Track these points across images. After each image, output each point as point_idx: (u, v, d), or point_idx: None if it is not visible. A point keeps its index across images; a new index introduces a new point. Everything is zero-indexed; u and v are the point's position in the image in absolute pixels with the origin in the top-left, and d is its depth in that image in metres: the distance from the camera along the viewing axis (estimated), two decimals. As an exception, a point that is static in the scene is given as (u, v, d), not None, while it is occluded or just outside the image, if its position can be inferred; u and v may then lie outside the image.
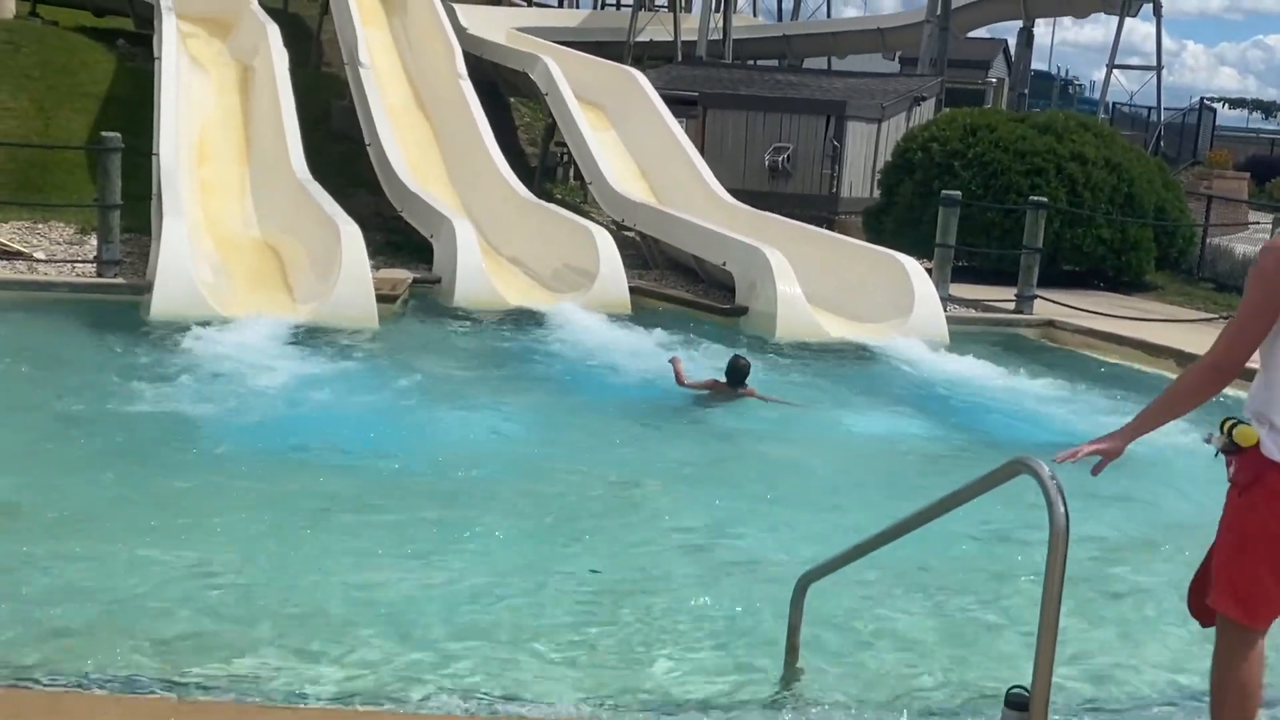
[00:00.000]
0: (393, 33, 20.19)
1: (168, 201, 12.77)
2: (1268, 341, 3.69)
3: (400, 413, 9.11)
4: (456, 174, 17.05)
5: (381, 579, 5.90)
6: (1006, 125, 18.27)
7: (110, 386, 9.26)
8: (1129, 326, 13.83)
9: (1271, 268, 3.61)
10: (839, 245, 15.44)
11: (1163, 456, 8.83)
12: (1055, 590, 3.56)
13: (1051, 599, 3.57)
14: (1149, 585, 6.38)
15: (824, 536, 6.71)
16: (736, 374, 9.89)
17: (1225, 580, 3.72)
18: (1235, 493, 3.72)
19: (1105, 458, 3.82)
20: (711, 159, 18.82)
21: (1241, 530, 3.69)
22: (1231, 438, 3.69)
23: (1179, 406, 3.81)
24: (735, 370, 9.90)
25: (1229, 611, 3.73)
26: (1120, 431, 3.82)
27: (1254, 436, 3.65)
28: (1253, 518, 3.65)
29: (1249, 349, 3.69)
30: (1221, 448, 3.74)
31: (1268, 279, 3.61)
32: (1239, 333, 3.69)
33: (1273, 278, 3.60)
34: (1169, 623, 5.77)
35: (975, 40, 40.90)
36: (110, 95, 19.12)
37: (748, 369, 9.96)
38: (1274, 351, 3.68)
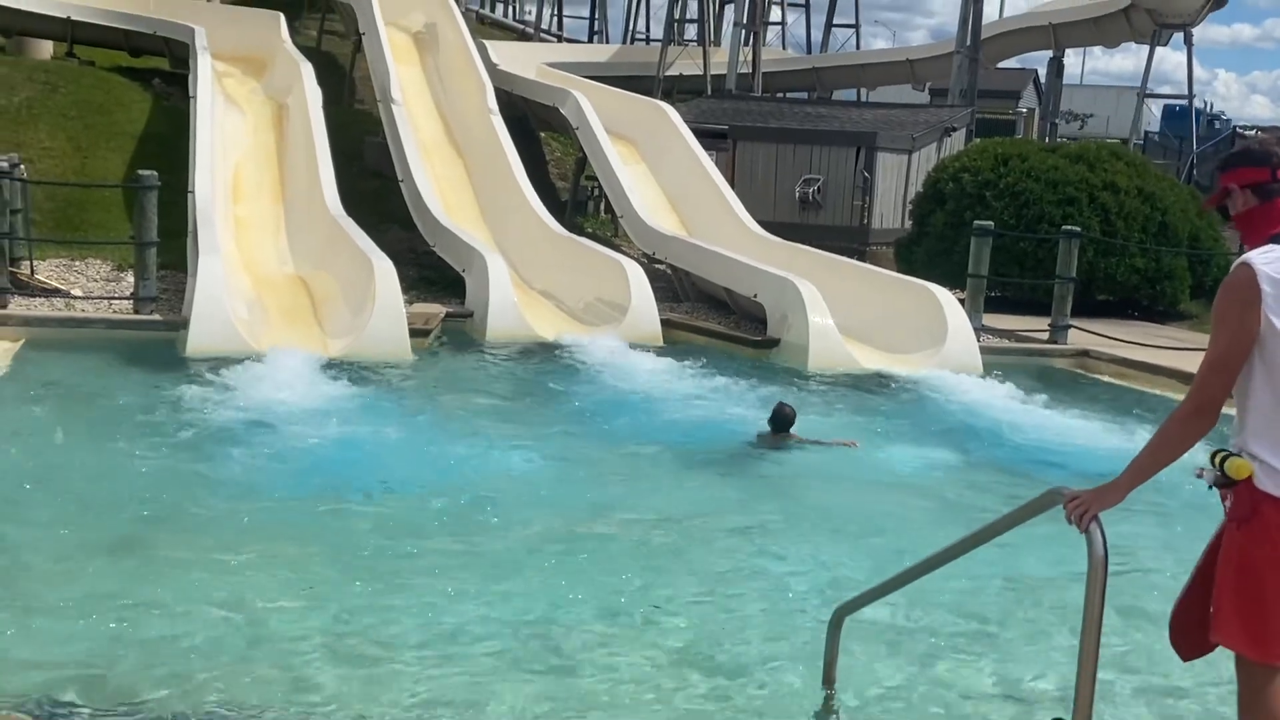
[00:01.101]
0: (425, 70, 20.37)
1: (203, 238, 12.90)
2: (1242, 375, 3.59)
3: (434, 447, 9.13)
4: (488, 208, 17.16)
5: (416, 613, 5.90)
6: (1038, 155, 18.25)
7: (145, 422, 9.33)
8: (1165, 356, 13.72)
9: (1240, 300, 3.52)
10: (871, 276, 15.42)
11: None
12: (1095, 620, 3.52)
13: (1091, 629, 3.53)
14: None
15: (859, 569, 6.68)
16: (781, 422, 9.70)
17: (1231, 617, 3.59)
18: (1234, 526, 3.62)
19: None
20: (742, 191, 18.87)
21: (1244, 565, 3.58)
22: (1224, 471, 3.59)
23: (1166, 456, 3.68)
24: (780, 419, 9.71)
25: (1241, 649, 3.61)
26: (1116, 484, 3.69)
27: (1247, 469, 3.54)
28: (1254, 552, 3.55)
29: (1228, 387, 3.59)
30: (1214, 482, 3.64)
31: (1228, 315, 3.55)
32: (1215, 372, 3.58)
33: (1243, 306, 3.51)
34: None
35: (1005, 70, 40.87)
36: (146, 134, 19.37)
37: (793, 417, 9.75)
38: (1249, 384, 3.59)
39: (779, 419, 9.71)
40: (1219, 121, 44.61)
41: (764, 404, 11.06)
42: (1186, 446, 3.66)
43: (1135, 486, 3.70)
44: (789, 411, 9.75)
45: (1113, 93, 51.55)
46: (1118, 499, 3.66)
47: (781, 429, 9.69)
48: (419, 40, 21.22)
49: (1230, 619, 3.59)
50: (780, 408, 9.79)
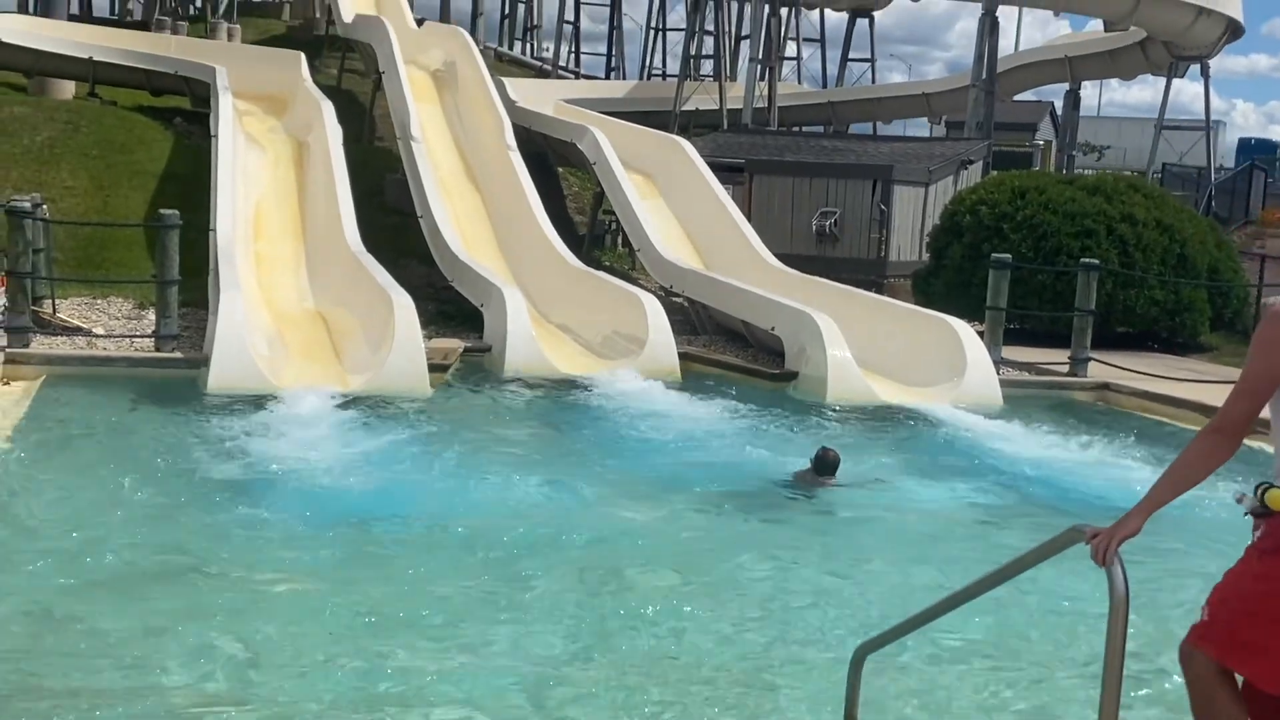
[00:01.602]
0: (444, 107, 20.52)
1: (224, 275, 12.99)
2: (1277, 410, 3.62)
3: (453, 483, 9.13)
4: (506, 243, 17.24)
5: (437, 651, 5.89)
6: (1055, 187, 18.25)
7: (165, 459, 9.36)
8: (1185, 388, 13.66)
9: (1274, 335, 3.57)
10: (888, 309, 15.42)
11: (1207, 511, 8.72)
12: (1117, 659, 3.49)
13: (1114, 668, 3.50)
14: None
15: (881, 606, 6.65)
16: (824, 466, 9.43)
17: (1227, 635, 3.60)
18: (1254, 555, 3.63)
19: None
20: (759, 224, 18.91)
21: (1255, 594, 3.59)
22: (1263, 501, 3.60)
23: (1189, 477, 3.71)
24: (824, 463, 9.44)
25: (1231, 664, 3.60)
26: (1135, 511, 3.70)
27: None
28: (1268, 585, 3.56)
29: (1252, 413, 3.62)
30: (1251, 510, 3.66)
31: (1271, 346, 3.58)
32: (1242, 397, 3.62)
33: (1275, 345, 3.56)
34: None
35: (1021, 103, 40.95)
36: (168, 172, 19.53)
37: (837, 462, 9.44)
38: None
39: (823, 463, 9.43)
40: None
41: (783, 439, 11.08)
42: (1205, 470, 3.68)
43: (1153, 513, 3.70)
44: (833, 456, 9.45)
45: (1135, 125, 51.42)
46: (1137, 527, 3.66)
47: (825, 472, 9.42)
48: (438, 78, 21.39)
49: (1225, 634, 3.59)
50: (824, 452, 9.51)
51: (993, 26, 28.33)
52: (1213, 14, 28.49)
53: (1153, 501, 3.72)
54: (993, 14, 28.20)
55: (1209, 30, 29.22)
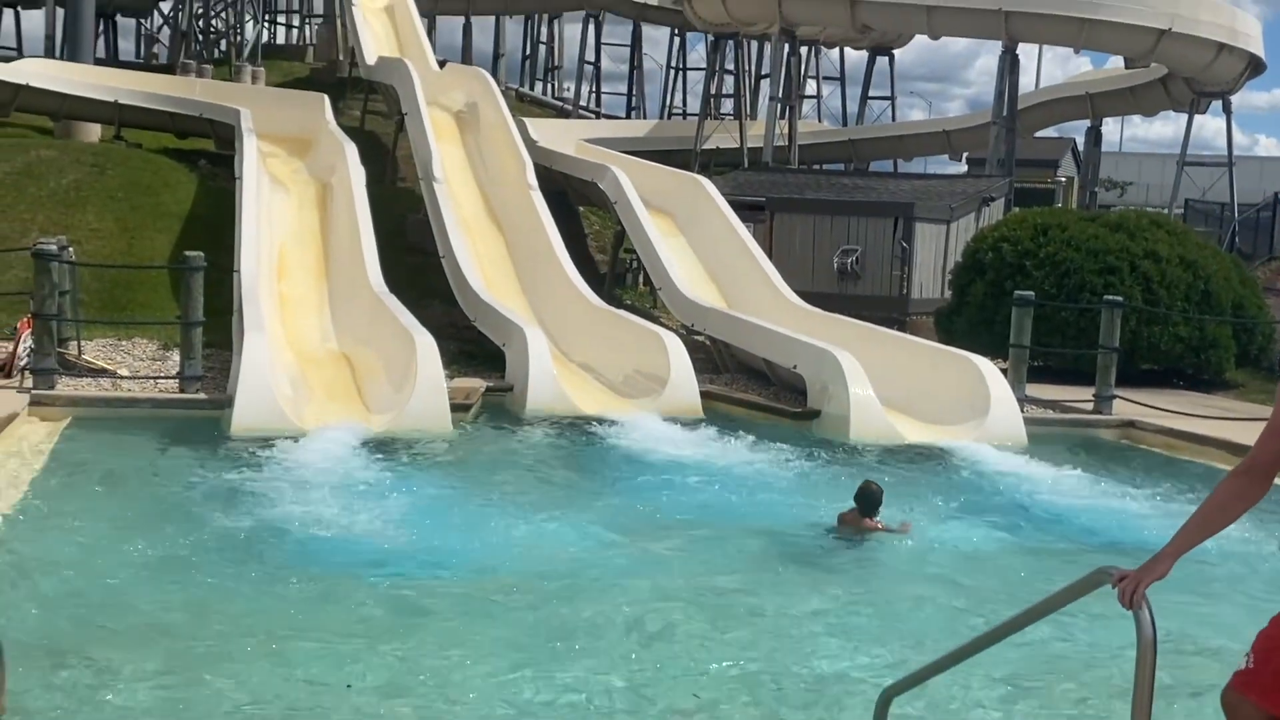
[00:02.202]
0: (466, 148, 20.65)
1: (248, 317, 13.05)
2: None
3: (475, 524, 9.11)
4: (528, 283, 17.29)
5: (460, 696, 5.86)
6: (1078, 224, 18.20)
7: (189, 501, 9.38)
8: (1211, 426, 13.54)
9: None
10: (911, 347, 15.37)
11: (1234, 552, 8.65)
12: (1145, 703, 3.45)
13: (1142, 711, 3.45)
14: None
15: (908, 648, 6.59)
16: (869, 500, 9.02)
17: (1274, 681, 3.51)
18: None
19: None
20: (780, 262, 18.92)
21: None
22: None
23: (1219, 519, 3.67)
24: (867, 496, 9.02)
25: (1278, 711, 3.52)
26: (1164, 553, 3.64)
27: None
28: None
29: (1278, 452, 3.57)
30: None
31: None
32: (1274, 437, 3.61)
33: None
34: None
35: (1043, 139, 40.92)
36: (192, 214, 19.69)
37: (880, 496, 9.05)
38: None
39: (866, 497, 9.04)
40: None
41: (806, 478, 11.02)
42: (1236, 512, 3.65)
43: (1182, 554, 3.65)
44: (876, 489, 9.08)
45: (1157, 160, 51.35)
46: (1166, 569, 3.61)
47: (869, 508, 9.01)
48: (460, 119, 21.53)
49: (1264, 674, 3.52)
50: (867, 486, 9.13)
51: (1013, 64, 28.36)
52: (1234, 50, 28.45)
53: (1181, 544, 3.66)
54: (1013, 51, 28.23)
55: (1230, 66, 29.17)
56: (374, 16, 28.56)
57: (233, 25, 40.36)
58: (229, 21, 40.99)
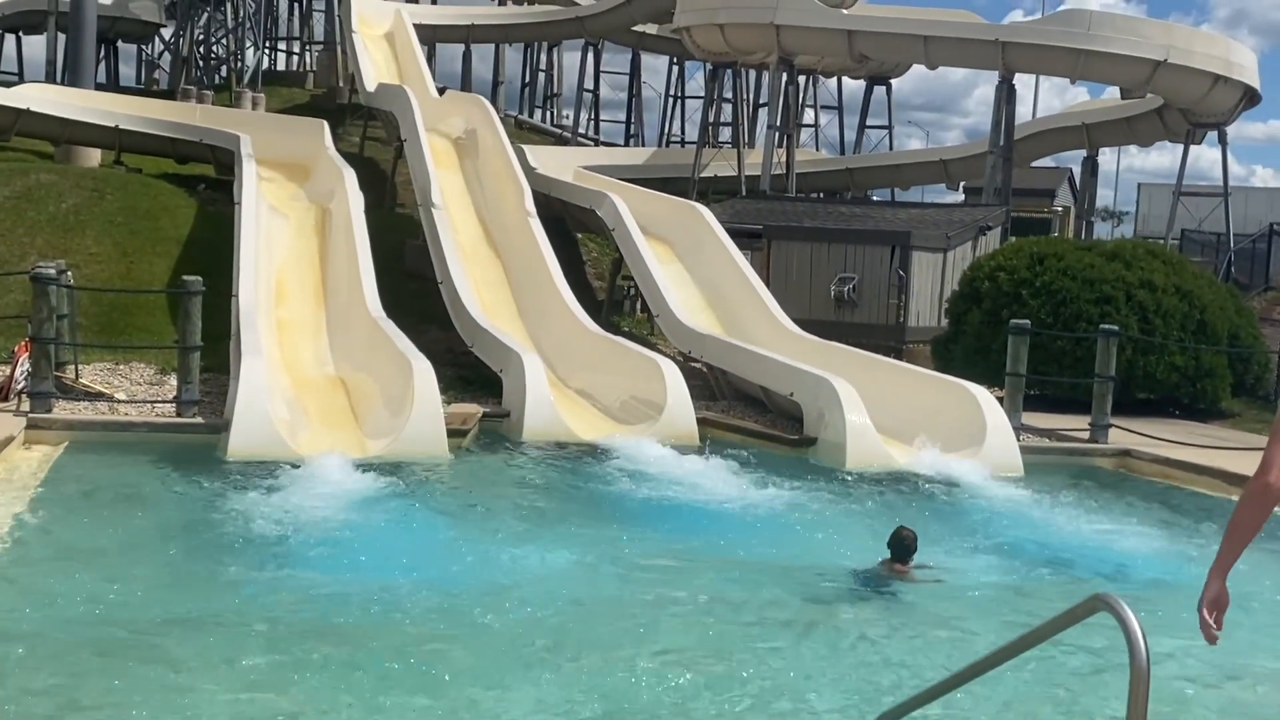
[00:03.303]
0: (464, 174, 20.72)
1: (246, 341, 13.07)
2: None
3: (472, 549, 9.10)
4: (525, 309, 17.32)
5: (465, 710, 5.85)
6: (1074, 253, 18.26)
7: (184, 526, 9.37)
8: (1208, 455, 13.56)
9: None
10: (908, 375, 15.39)
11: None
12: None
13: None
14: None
15: (899, 677, 6.59)
16: (901, 547, 8.70)
17: None
18: None
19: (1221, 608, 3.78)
20: (777, 290, 18.96)
21: None
22: None
23: (1246, 533, 3.77)
24: (900, 542, 8.71)
25: None
26: (1211, 576, 3.77)
27: None
28: None
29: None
30: None
31: None
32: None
33: None
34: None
35: (1040, 169, 41.09)
36: (191, 239, 19.73)
37: (914, 542, 8.72)
38: None
39: (899, 544, 8.72)
40: None
41: (802, 506, 11.00)
42: (1261, 520, 3.74)
43: (1227, 571, 3.77)
44: (908, 535, 8.75)
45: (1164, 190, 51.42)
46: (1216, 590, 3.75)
47: (902, 554, 8.68)
48: (459, 146, 21.61)
49: None
50: (900, 532, 8.78)
51: (1010, 94, 28.50)
52: (1230, 81, 28.60)
53: (1224, 561, 3.78)
54: (1010, 81, 28.38)
55: (1226, 97, 29.32)
56: (374, 44, 28.72)
57: (233, 51, 40.56)
58: (230, 48, 41.18)
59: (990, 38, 27.67)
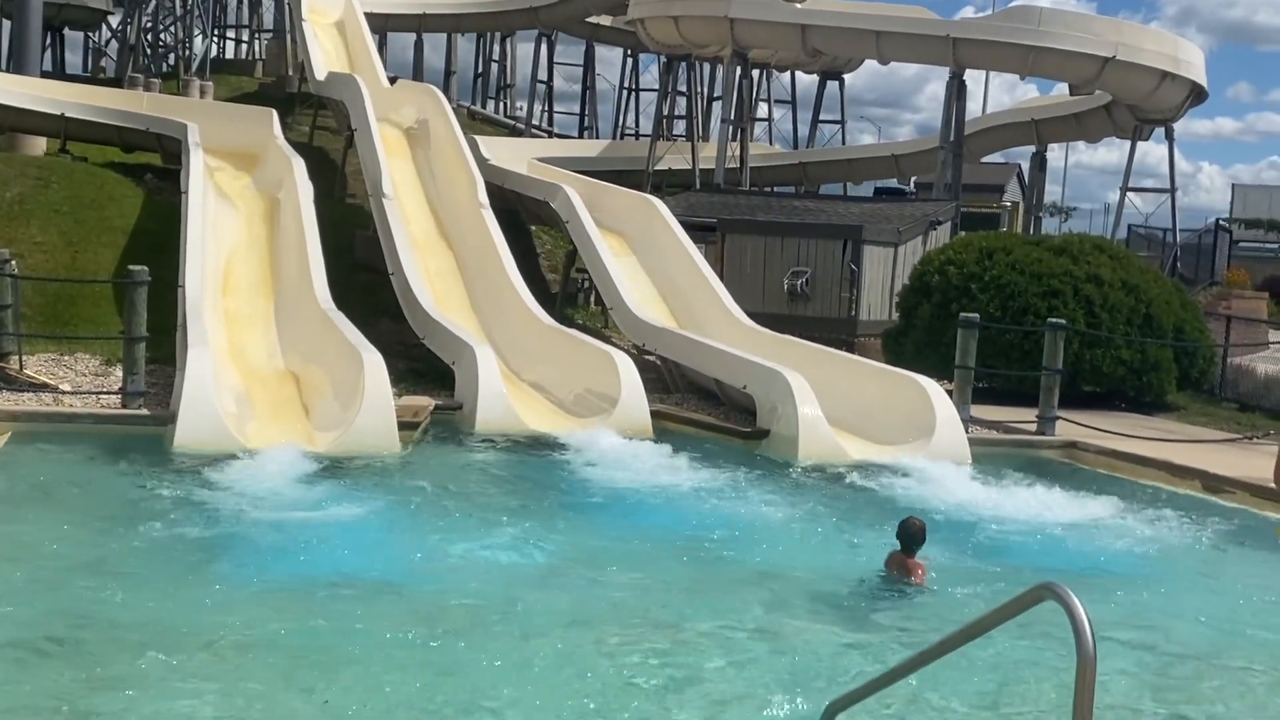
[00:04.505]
0: (416, 164, 20.60)
1: (193, 333, 12.93)
2: None
3: (422, 542, 9.06)
4: (478, 301, 17.24)
5: (409, 709, 5.82)
6: (1022, 248, 18.42)
7: (131, 518, 9.25)
8: (1152, 448, 13.74)
9: None
10: (859, 367, 15.48)
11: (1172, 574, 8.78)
12: (1086, 717, 3.49)
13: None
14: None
15: (852, 665, 6.63)
16: (910, 537, 8.47)
17: None
18: None
19: None
20: (730, 283, 19.00)
21: None
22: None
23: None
24: (908, 532, 8.46)
25: None
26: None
27: None
28: None
29: None
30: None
31: None
32: None
33: None
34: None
35: (989, 165, 41.44)
36: (138, 229, 19.49)
37: (923, 532, 8.48)
38: None
39: (907, 533, 8.48)
40: None
41: (753, 498, 11.03)
42: None
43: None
44: (917, 525, 8.51)
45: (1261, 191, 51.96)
46: None
47: (911, 545, 8.44)
48: (410, 135, 21.48)
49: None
50: (910, 521, 8.55)
51: (960, 89, 28.73)
52: (1176, 78, 28.95)
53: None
54: (960, 77, 28.61)
55: (1173, 94, 29.69)
56: (324, 32, 28.48)
57: (181, 39, 40.15)
58: (177, 36, 40.76)
59: (941, 33, 27.86)
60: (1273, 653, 7.33)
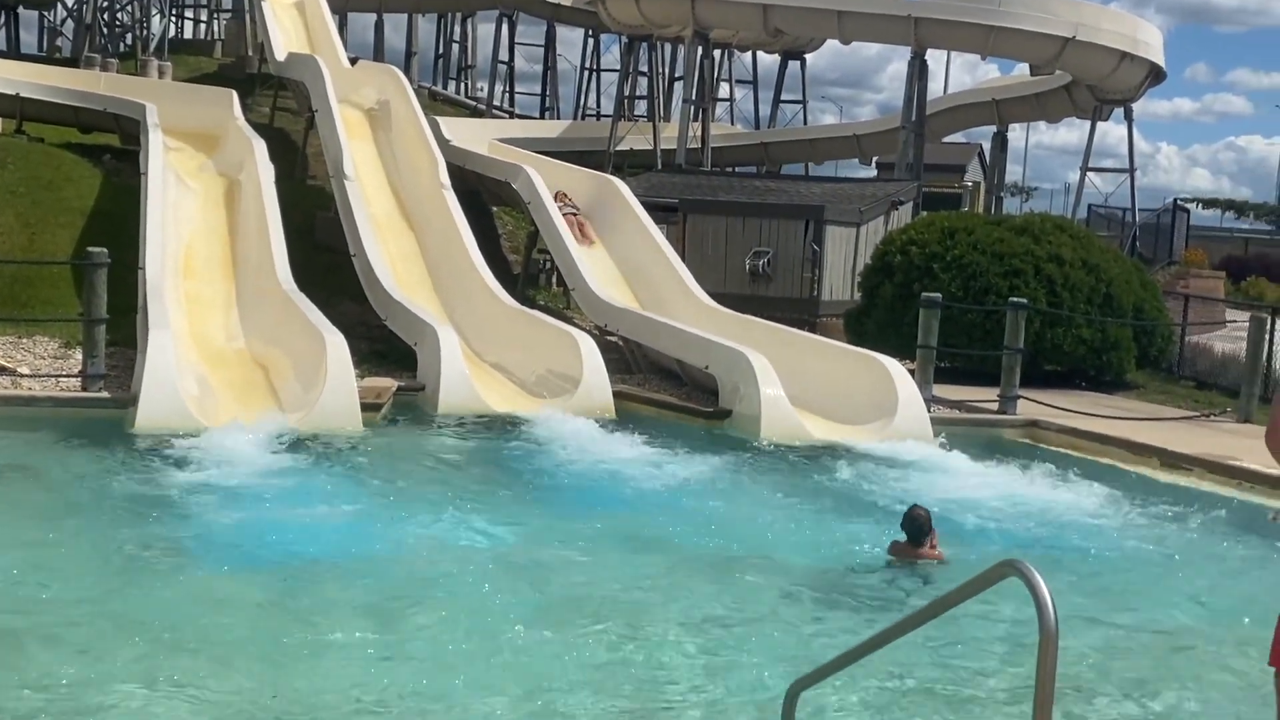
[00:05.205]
0: (377, 145, 20.46)
1: (153, 315, 12.81)
2: None
3: (383, 523, 9.05)
4: (440, 282, 17.17)
5: (364, 693, 5.82)
6: (984, 228, 18.52)
7: (92, 501, 9.19)
8: (1112, 426, 13.87)
9: None
10: (821, 347, 15.53)
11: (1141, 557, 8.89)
12: (1047, 696, 3.52)
13: (1044, 705, 3.52)
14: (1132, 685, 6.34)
15: (815, 646, 6.67)
16: (915, 527, 8.42)
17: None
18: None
19: None
20: (692, 264, 19.00)
21: None
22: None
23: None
24: (913, 523, 8.43)
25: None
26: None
27: None
28: None
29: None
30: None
31: None
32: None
33: None
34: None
35: (951, 145, 41.58)
36: (96, 210, 19.26)
37: (928, 521, 8.44)
38: None
39: (913, 524, 8.42)
40: None
41: (714, 478, 11.06)
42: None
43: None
44: (922, 514, 8.46)
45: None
46: None
47: (918, 535, 8.40)
48: (371, 116, 21.33)
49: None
50: (914, 511, 8.50)
51: (922, 69, 28.79)
52: (1135, 59, 29.15)
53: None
54: (922, 57, 28.67)
55: (1132, 75, 29.89)
56: (284, 12, 28.17)
57: (139, 19, 39.62)
58: (135, 15, 40.22)
59: (903, 13, 27.89)
60: (1233, 627, 7.43)
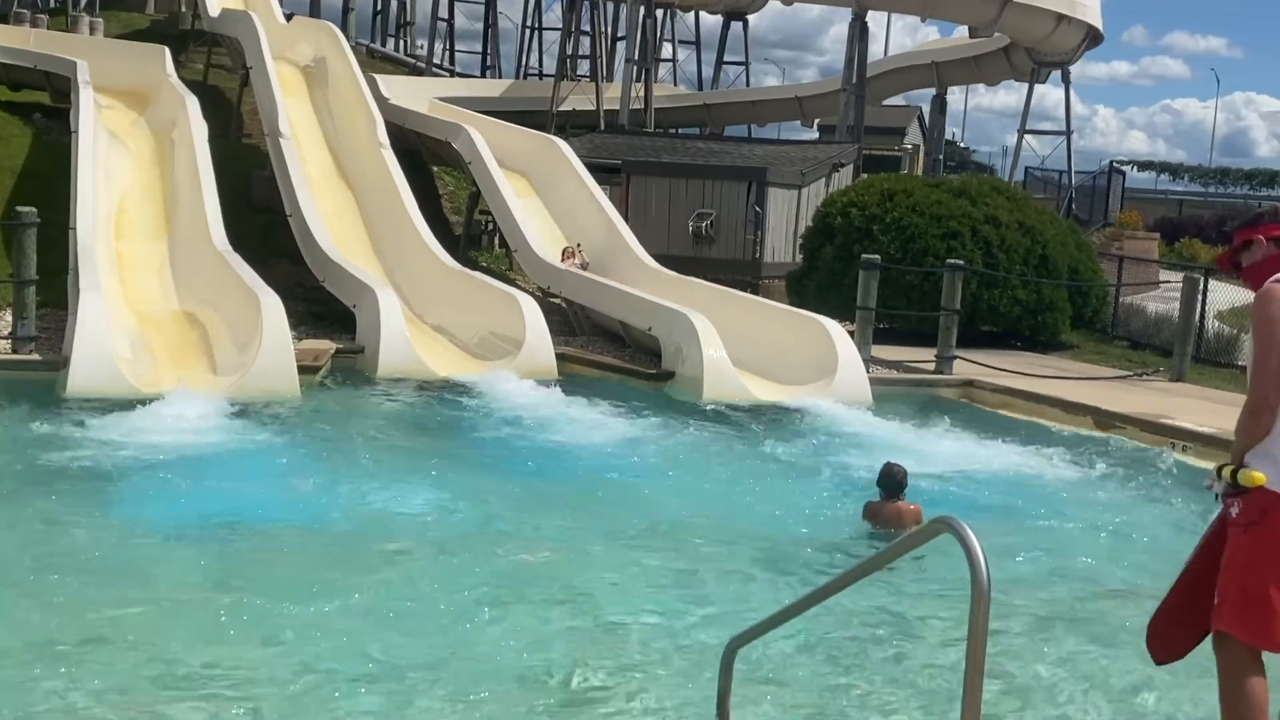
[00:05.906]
0: (314, 103, 20.19)
1: (85, 276, 12.60)
2: None
3: (320, 486, 8.97)
4: (379, 243, 17.02)
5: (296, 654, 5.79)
6: (922, 190, 18.63)
7: (21, 466, 9.04)
8: (1046, 385, 14.07)
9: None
10: (763, 309, 15.59)
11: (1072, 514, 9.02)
12: (979, 651, 3.55)
13: (976, 660, 3.56)
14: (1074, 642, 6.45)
15: (752, 603, 6.71)
16: (893, 482, 8.46)
17: (1237, 608, 4.11)
18: (1239, 531, 4.15)
19: None
20: (636, 225, 18.97)
21: (1250, 563, 4.11)
22: (1235, 481, 4.15)
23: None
24: (890, 477, 8.47)
25: (1241, 635, 4.12)
26: None
27: (1260, 478, 4.09)
28: (1262, 550, 4.09)
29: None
30: (1224, 492, 4.22)
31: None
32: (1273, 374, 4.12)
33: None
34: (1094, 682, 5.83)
35: (891, 108, 41.74)
36: (26, 169, 18.89)
37: (904, 477, 8.47)
38: None
39: (889, 479, 8.49)
40: None
41: (658, 438, 11.10)
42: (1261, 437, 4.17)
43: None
44: (898, 470, 8.50)
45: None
46: None
47: (894, 492, 8.45)
48: (308, 74, 21.04)
49: (1234, 609, 4.12)
50: (890, 467, 8.56)
51: (863, 31, 28.84)
52: (1073, 21, 29.37)
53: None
54: (862, 19, 28.71)
55: (1069, 37, 30.13)
56: (218, -33, 27.63)
57: (68, -27, 38.62)
58: (64, -31, 39.21)
59: (844, -26, 27.90)
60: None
